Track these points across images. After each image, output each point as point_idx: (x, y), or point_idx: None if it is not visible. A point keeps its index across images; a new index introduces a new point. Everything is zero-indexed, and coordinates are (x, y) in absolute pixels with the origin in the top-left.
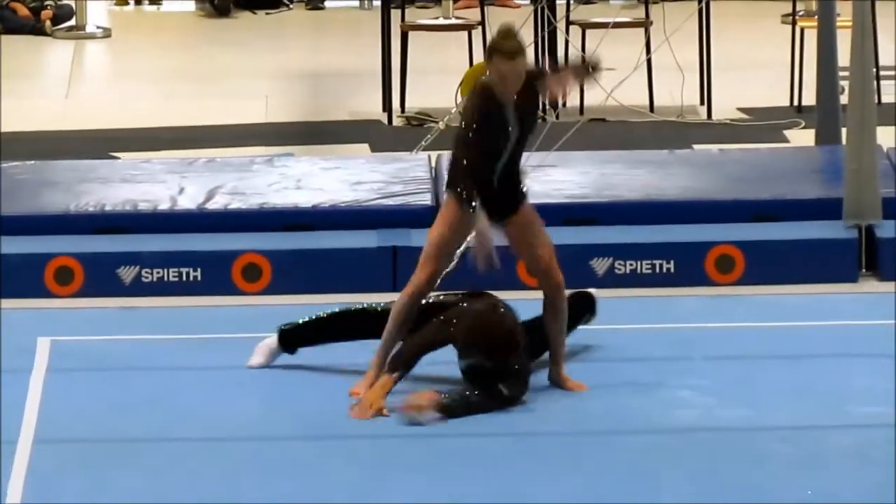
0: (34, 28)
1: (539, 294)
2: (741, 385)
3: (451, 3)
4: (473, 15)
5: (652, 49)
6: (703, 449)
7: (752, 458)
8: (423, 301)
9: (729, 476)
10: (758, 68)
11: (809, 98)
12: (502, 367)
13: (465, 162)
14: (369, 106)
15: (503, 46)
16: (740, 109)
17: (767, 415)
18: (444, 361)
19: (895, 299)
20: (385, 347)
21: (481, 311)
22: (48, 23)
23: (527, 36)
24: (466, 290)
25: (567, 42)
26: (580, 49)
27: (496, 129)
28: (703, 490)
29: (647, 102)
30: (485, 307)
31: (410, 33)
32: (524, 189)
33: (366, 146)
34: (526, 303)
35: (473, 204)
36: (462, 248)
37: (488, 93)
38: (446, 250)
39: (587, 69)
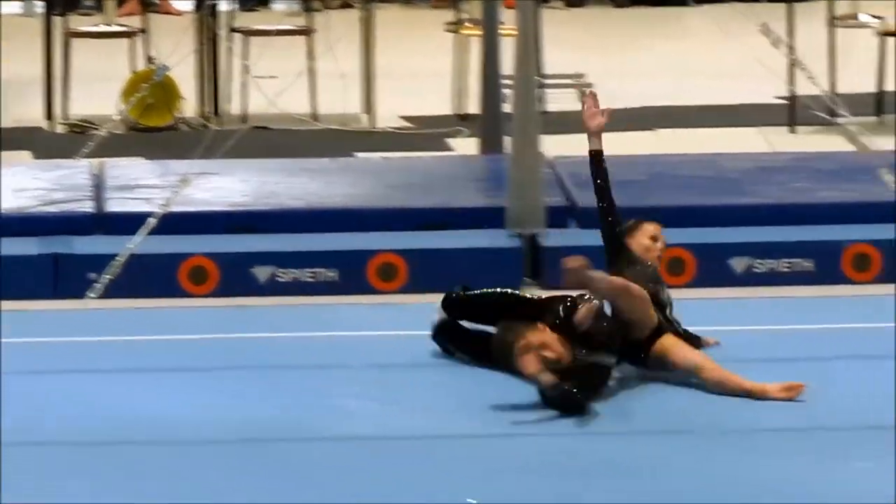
0: None
1: None
2: (405, 393)
3: (113, 10)
4: (136, 22)
5: (315, 57)
6: (367, 458)
7: (419, 464)
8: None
9: (394, 484)
10: (421, 77)
11: (473, 106)
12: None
13: None
14: (31, 113)
15: None
16: (404, 118)
17: (431, 423)
18: None
19: None
20: None
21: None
22: None
23: (189, 44)
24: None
25: (230, 50)
26: (243, 57)
27: None
28: (365, 497)
29: (310, 111)
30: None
31: (73, 40)
32: None
33: (28, 153)
34: None
35: None
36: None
37: None
38: None
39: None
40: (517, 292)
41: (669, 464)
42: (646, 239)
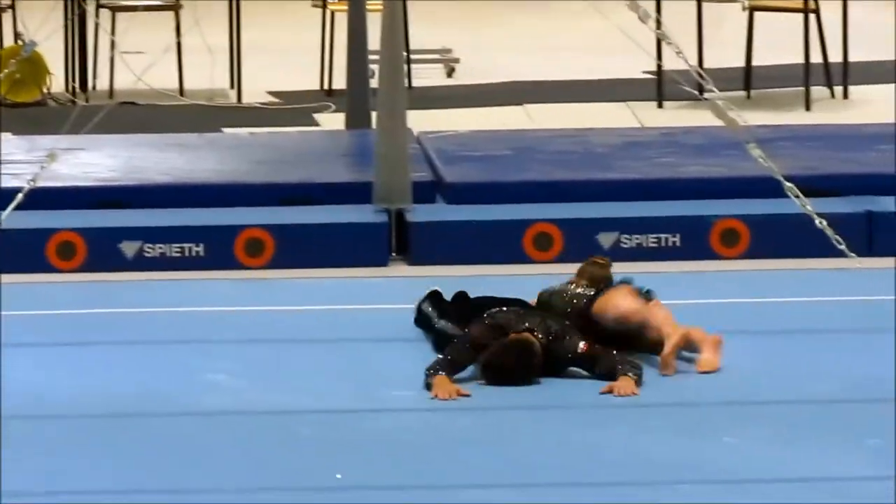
0: None
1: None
2: (272, 369)
3: None
4: None
5: (182, 32)
6: (234, 433)
7: (283, 441)
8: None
9: (260, 460)
10: (289, 52)
11: (341, 82)
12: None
13: None
14: None
15: None
16: (271, 93)
17: (299, 399)
18: None
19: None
20: None
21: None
22: None
23: (57, 19)
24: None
25: (97, 26)
26: (110, 33)
27: None
28: (232, 473)
29: (177, 86)
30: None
31: None
32: None
33: None
34: None
35: None
36: None
37: None
38: None
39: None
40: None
41: (525, 437)
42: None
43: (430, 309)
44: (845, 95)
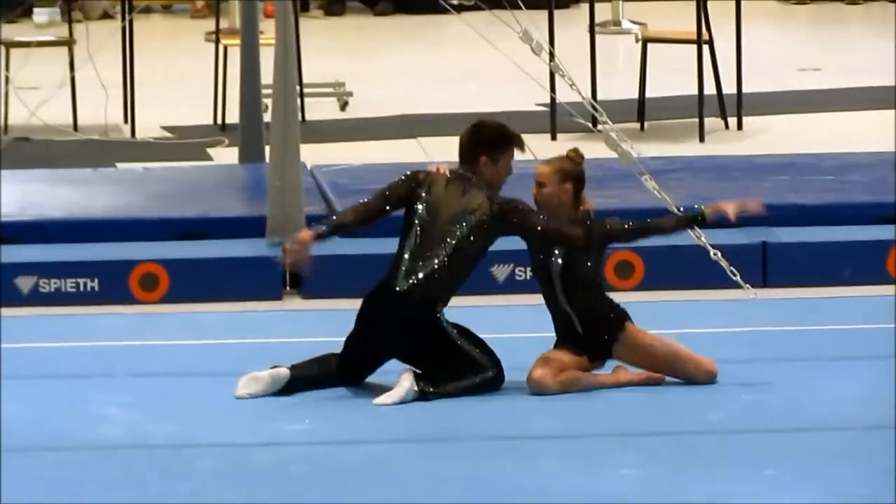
0: None
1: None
2: (167, 402)
3: None
4: None
5: (76, 67)
6: (128, 466)
7: (177, 473)
8: None
9: (155, 493)
10: (182, 87)
11: (234, 116)
12: None
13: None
14: None
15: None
16: (165, 128)
17: (194, 431)
18: None
19: (320, 316)
20: None
21: None
22: None
23: None
24: None
25: None
26: (5, 69)
27: None
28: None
29: (71, 121)
30: None
31: None
32: None
33: None
34: None
35: None
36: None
37: None
38: None
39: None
40: None
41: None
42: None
43: None
44: (739, 126)
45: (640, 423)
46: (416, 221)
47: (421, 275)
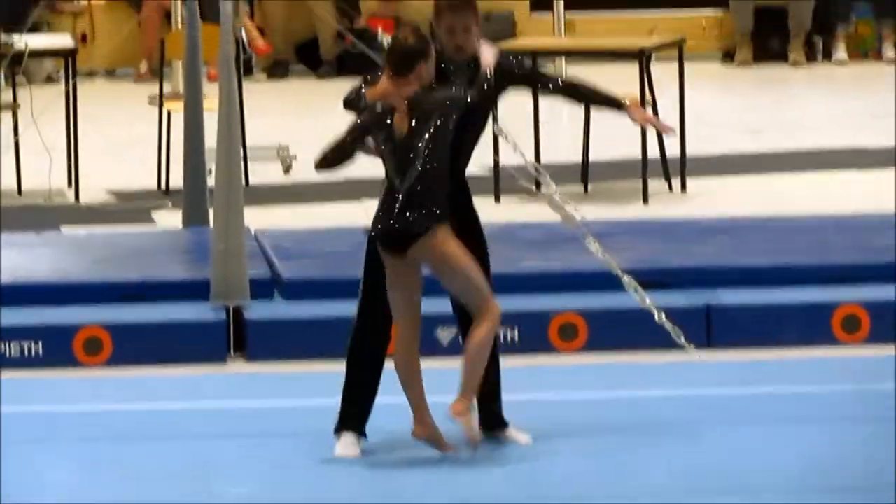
0: None
1: None
2: (111, 467)
3: None
4: None
5: (20, 132)
6: None
7: None
8: None
9: None
10: (126, 150)
11: (178, 180)
12: None
13: None
14: None
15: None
16: (108, 192)
17: (138, 497)
18: None
19: (266, 380)
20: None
21: None
22: None
23: None
24: None
25: None
26: None
27: None
28: None
29: (15, 185)
30: None
31: None
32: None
33: None
34: None
35: None
36: None
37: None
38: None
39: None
40: None
41: None
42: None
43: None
44: (683, 188)
45: (583, 490)
46: None
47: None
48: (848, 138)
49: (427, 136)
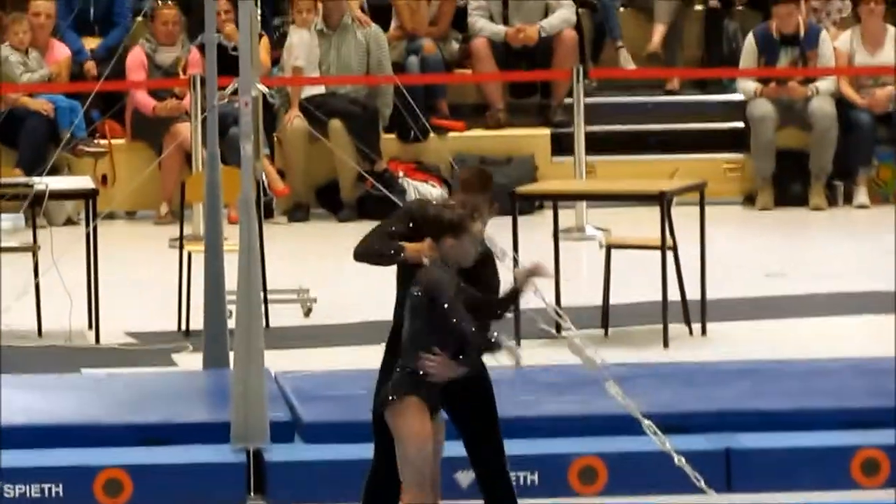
0: None
1: None
2: None
3: None
4: None
5: (40, 273)
6: None
7: None
8: None
9: None
10: (146, 292)
11: (198, 322)
12: None
13: None
14: None
15: None
16: (129, 334)
17: None
18: None
19: None
20: None
21: None
22: None
23: None
24: None
25: None
26: None
27: None
28: None
29: (35, 327)
30: None
31: None
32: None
33: None
34: None
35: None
36: None
37: None
38: None
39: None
40: None
41: None
42: None
43: None
44: (703, 332)
45: None
46: None
47: None
48: (866, 283)
49: (408, 303)
